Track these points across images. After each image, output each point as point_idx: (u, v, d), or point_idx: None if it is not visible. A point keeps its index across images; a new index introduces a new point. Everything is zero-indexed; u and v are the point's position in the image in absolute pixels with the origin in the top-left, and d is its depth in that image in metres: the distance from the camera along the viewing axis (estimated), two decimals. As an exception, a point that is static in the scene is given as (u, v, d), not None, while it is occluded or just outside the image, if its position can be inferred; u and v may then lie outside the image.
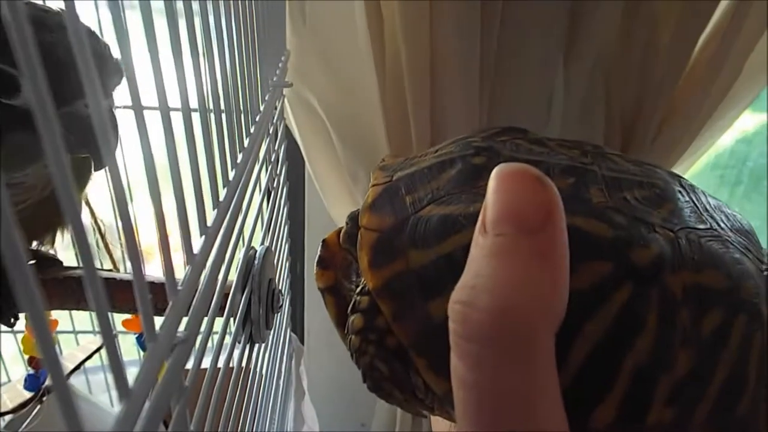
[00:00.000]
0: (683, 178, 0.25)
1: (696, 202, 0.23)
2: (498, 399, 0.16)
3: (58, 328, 0.79)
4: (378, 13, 0.63)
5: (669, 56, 0.67)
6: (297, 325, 0.98)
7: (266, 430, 0.53)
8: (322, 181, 0.80)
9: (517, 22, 0.64)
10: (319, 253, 0.27)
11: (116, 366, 0.17)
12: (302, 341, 0.99)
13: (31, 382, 0.65)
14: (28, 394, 0.64)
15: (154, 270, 0.83)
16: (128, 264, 0.66)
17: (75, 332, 0.79)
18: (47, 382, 0.65)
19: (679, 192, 0.23)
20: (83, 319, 0.79)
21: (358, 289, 0.24)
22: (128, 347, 0.71)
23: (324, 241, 0.28)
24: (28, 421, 0.61)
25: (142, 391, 0.18)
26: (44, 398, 0.64)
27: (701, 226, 0.22)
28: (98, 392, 0.86)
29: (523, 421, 0.16)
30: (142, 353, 0.73)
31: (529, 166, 0.17)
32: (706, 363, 0.20)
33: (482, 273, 0.17)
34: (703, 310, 0.20)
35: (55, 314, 0.67)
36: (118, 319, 0.67)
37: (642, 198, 0.22)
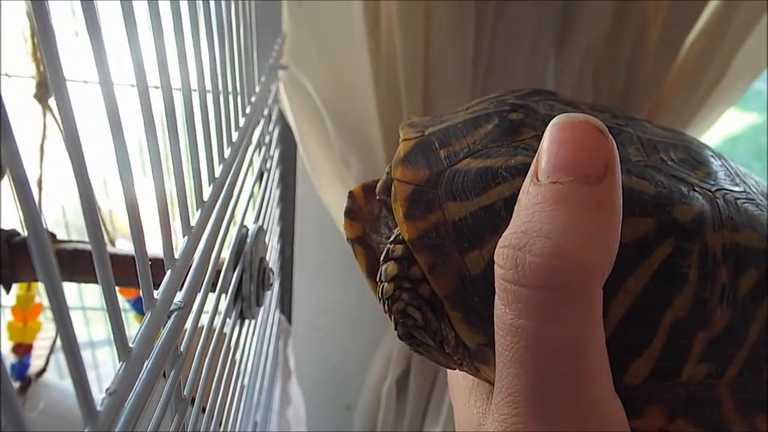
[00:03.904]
0: (709, 146, 0.25)
1: (728, 167, 0.23)
2: (549, 345, 0.16)
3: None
4: (375, 6, 0.64)
5: (657, 55, 0.69)
6: (285, 307, 0.99)
7: (254, 404, 0.54)
8: (314, 165, 0.80)
9: (510, 18, 0.65)
10: (346, 204, 0.27)
11: (118, 327, 0.18)
12: (290, 323, 1.00)
13: (17, 370, 0.62)
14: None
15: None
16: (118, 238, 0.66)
17: (84, 308, 0.80)
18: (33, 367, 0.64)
19: (712, 156, 0.23)
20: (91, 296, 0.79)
21: (392, 238, 0.23)
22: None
23: (351, 192, 0.27)
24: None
25: (141, 351, 0.19)
26: (29, 387, 0.62)
27: (736, 189, 0.22)
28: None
29: (571, 369, 0.16)
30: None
31: (591, 116, 0.17)
32: (741, 322, 0.20)
33: (535, 219, 0.17)
34: (740, 269, 0.20)
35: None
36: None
37: (678, 160, 0.22)
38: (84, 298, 0.79)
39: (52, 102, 0.49)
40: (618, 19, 0.68)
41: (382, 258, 0.23)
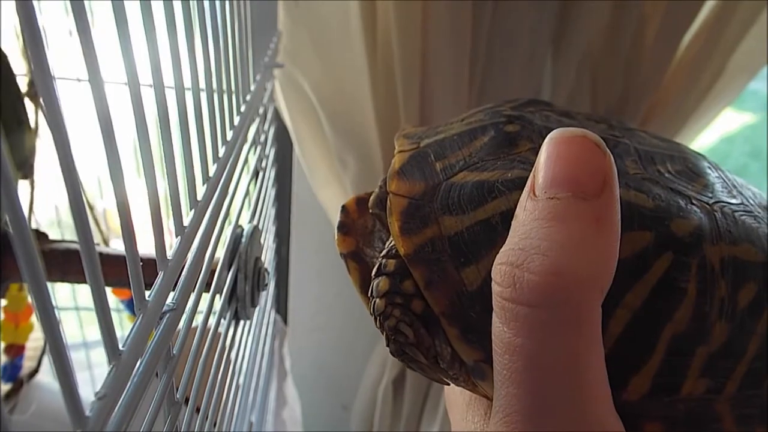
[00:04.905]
0: (706, 156, 0.25)
1: (725, 179, 0.23)
2: (547, 364, 0.16)
3: (61, 305, 0.78)
4: (372, 7, 0.64)
5: (654, 54, 0.69)
6: (281, 307, 0.99)
7: (249, 405, 0.53)
8: (310, 164, 0.80)
9: (508, 17, 0.65)
10: (339, 218, 0.27)
11: (107, 329, 0.18)
12: (286, 323, 0.99)
13: (9, 372, 0.61)
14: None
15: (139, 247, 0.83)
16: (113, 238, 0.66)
17: (77, 309, 0.79)
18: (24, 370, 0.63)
19: (709, 168, 0.23)
20: (86, 296, 0.79)
21: (384, 252, 0.23)
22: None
23: (344, 206, 0.27)
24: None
25: (132, 354, 0.19)
26: (21, 388, 0.61)
27: (734, 201, 0.22)
28: (79, 369, 0.86)
29: (570, 388, 0.16)
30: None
31: (588, 131, 0.17)
32: (741, 336, 0.20)
33: (533, 235, 0.16)
34: (738, 283, 0.20)
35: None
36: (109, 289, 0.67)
37: (676, 172, 0.22)
38: (77, 298, 0.78)
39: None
40: (615, 19, 0.67)
41: (373, 273, 0.23)
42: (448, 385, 0.23)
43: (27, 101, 0.50)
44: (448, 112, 0.67)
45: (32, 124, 0.48)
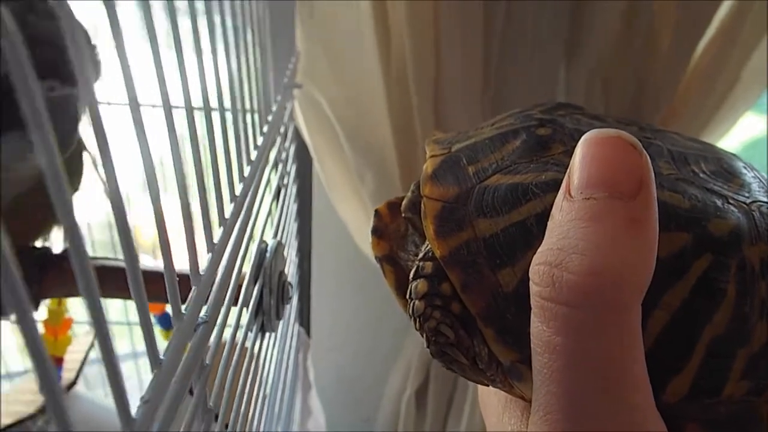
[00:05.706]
0: (740, 156, 0.25)
1: (761, 179, 0.23)
2: (588, 363, 0.16)
3: (81, 319, 0.81)
4: (384, 18, 0.65)
5: (667, 63, 0.69)
6: (304, 320, 1.00)
7: (275, 416, 0.55)
8: (329, 180, 0.82)
9: (519, 28, 0.66)
10: (372, 222, 0.27)
11: (150, 340, 0.19)
12: (309, 336, 1.01)
13: None
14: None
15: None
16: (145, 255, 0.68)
17: (108, 323, 0.81)
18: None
19: (744, 168, 0.23)
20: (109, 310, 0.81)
21: (421, 255, 0.23)
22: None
23: (377, 210, 0.27)
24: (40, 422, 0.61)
25: (171, 362, 0.20)
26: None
27: None
28: (95, 385, 0.87)
29: (611, 386, 0.16)
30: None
31: (623, 131, 0.17)
32: None
33: (570, 235, 0.16)
34: None
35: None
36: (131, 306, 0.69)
37: (710, 172, 0.22)
38: (108, 313, 0.80)
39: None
40: (628, 28, 0.68)
41: (411, 275, 0.23)
42: (488, 386, 0.23)
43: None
44: (462, 125, 0.68)
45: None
